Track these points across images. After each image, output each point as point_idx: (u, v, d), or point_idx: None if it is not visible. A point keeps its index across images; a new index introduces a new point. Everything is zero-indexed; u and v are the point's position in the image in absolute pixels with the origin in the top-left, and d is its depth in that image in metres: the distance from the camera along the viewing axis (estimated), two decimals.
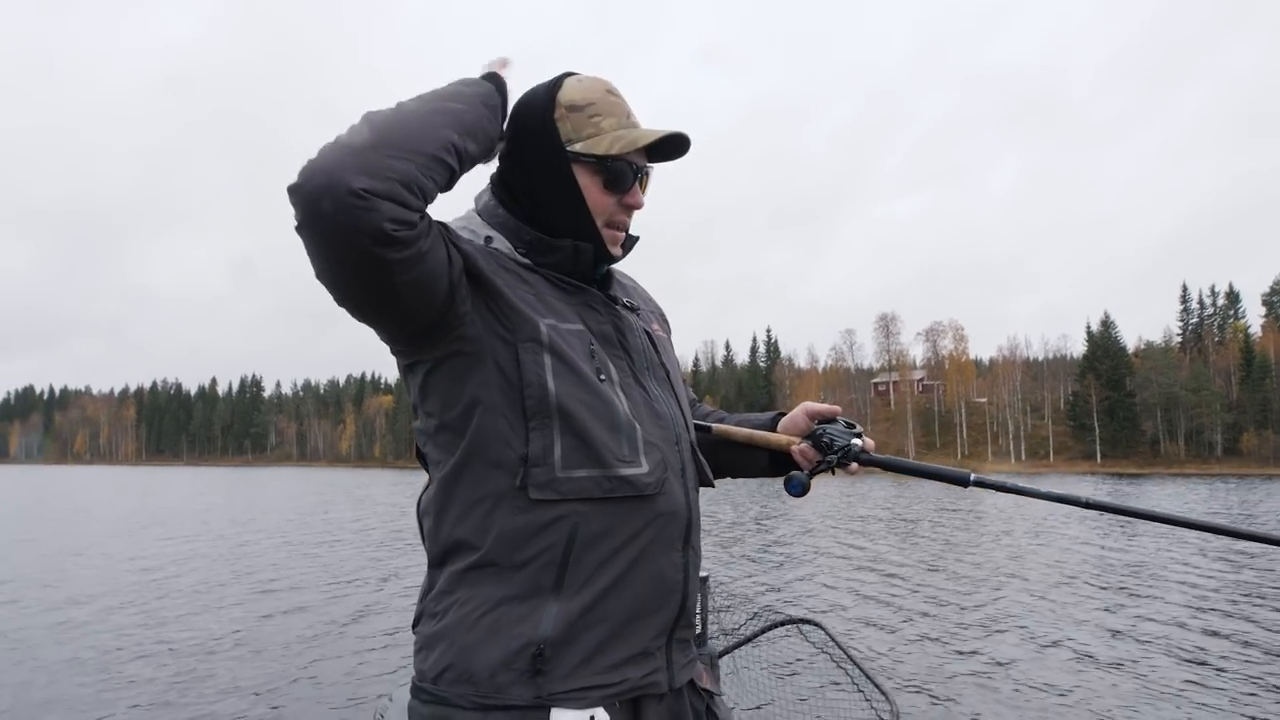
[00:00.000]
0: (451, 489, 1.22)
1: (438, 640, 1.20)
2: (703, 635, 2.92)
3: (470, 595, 1.19)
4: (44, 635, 9.28)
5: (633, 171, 1.32)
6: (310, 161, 1.02)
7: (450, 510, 1.23)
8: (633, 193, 1.33)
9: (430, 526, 1.26)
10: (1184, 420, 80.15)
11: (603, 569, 1.20)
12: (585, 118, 1.29)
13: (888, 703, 2.33)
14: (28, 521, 25.90)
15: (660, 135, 1.30)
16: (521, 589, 1.17)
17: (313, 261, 1.07)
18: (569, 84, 1.32)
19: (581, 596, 1.18)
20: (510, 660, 1.15)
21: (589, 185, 1.30)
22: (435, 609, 1.23)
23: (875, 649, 8.73)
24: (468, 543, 1.20)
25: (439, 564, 1.25)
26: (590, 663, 1.18)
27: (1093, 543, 18.85)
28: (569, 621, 1.17)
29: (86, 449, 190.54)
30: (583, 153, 1.29)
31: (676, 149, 1.36)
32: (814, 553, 16.86)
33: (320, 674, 7.73)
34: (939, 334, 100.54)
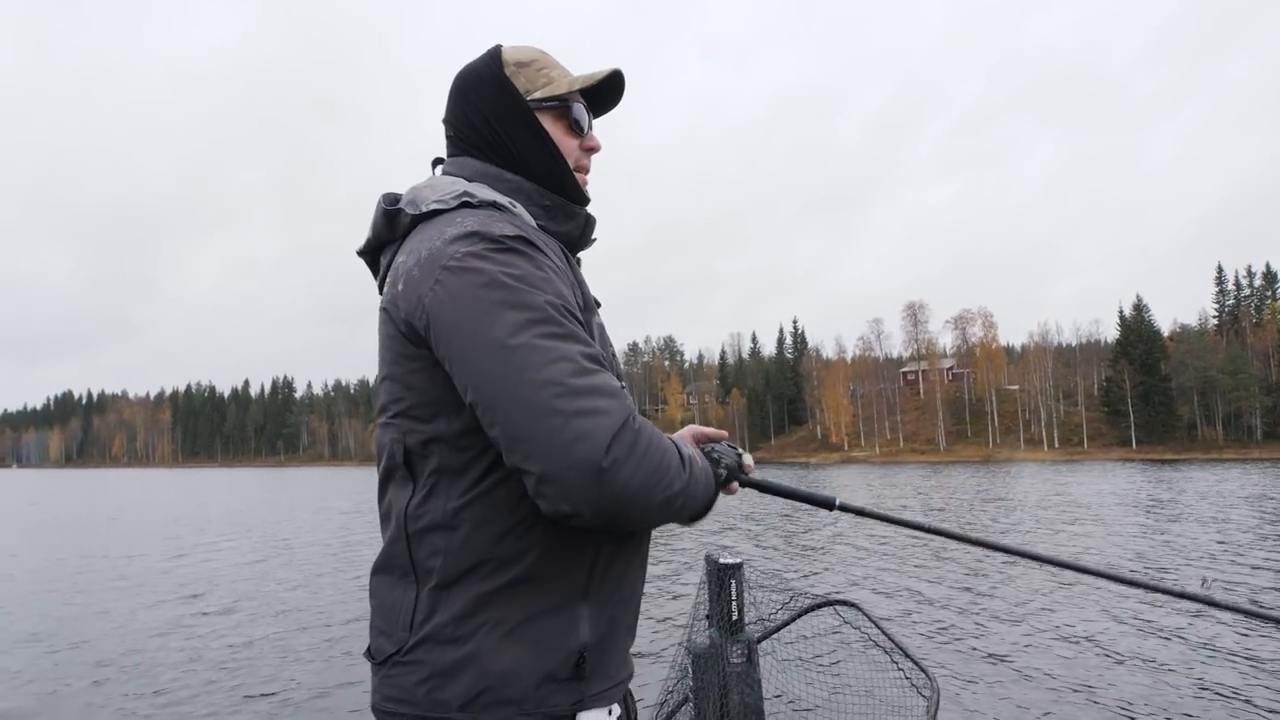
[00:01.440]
0: (487, 500, 1.13)
1: (464, 666, 1.11)
2: (739, 622, 2.95)
3: (506, 615, 1.12)
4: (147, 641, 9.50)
5: (588, 114, 1.37)
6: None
7: (486, 523, 1.13)
8: (590, 135, 1.37)
9: (446, 542, 1.14)
10: (1221, 404, 78.70)
11: (619, 569, 1.23)
12: (535, 70, 1.32)
13: (929, 681, 2.35)
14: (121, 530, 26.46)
15: (609, 71, 1.36)
16: (556, 600, 1.15)
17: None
18: (506, 49, 1.35)
19: (606, 599, 1.20)
20: (556, 671, 1.13)
21: (555, 130, 1.32)
22: (453, 634, 1.12)
23: (912, 629, 8.72)
24: (503, 559, 1.13)
25: (451, 583, 1.13)
26: (615, 658, 1.22)
27: (1133, 523, 18.62)
28: (599, 625, 1.18)
29: (124, 452, 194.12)
30: (543, 98, 1.31)
31: (613, 97, 1.41)
32: (844, 538, 16.83)
33: (321, 670, 7.86)
34: (968, 321, 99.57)
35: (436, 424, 1.14)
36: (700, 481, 1.16)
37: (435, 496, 1.15)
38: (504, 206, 1.21)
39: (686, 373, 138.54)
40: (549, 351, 1.03)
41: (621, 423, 1.02)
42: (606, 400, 1.03)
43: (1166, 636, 8.36)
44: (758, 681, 2.87)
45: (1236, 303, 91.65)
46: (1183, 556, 13.98)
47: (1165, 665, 7.36)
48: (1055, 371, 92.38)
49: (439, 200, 1.20)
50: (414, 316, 1.13)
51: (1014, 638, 8.40)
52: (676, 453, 1.11)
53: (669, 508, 1.08)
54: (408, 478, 1.18)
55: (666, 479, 1.06)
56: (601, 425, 1.00)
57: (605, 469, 0.99)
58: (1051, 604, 9.95)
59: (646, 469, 1.03)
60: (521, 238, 1.13)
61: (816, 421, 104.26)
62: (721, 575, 2.96)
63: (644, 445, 1.04)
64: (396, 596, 1.18)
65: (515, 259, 1.10)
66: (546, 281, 1.10)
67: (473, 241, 1.11)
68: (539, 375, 1.02)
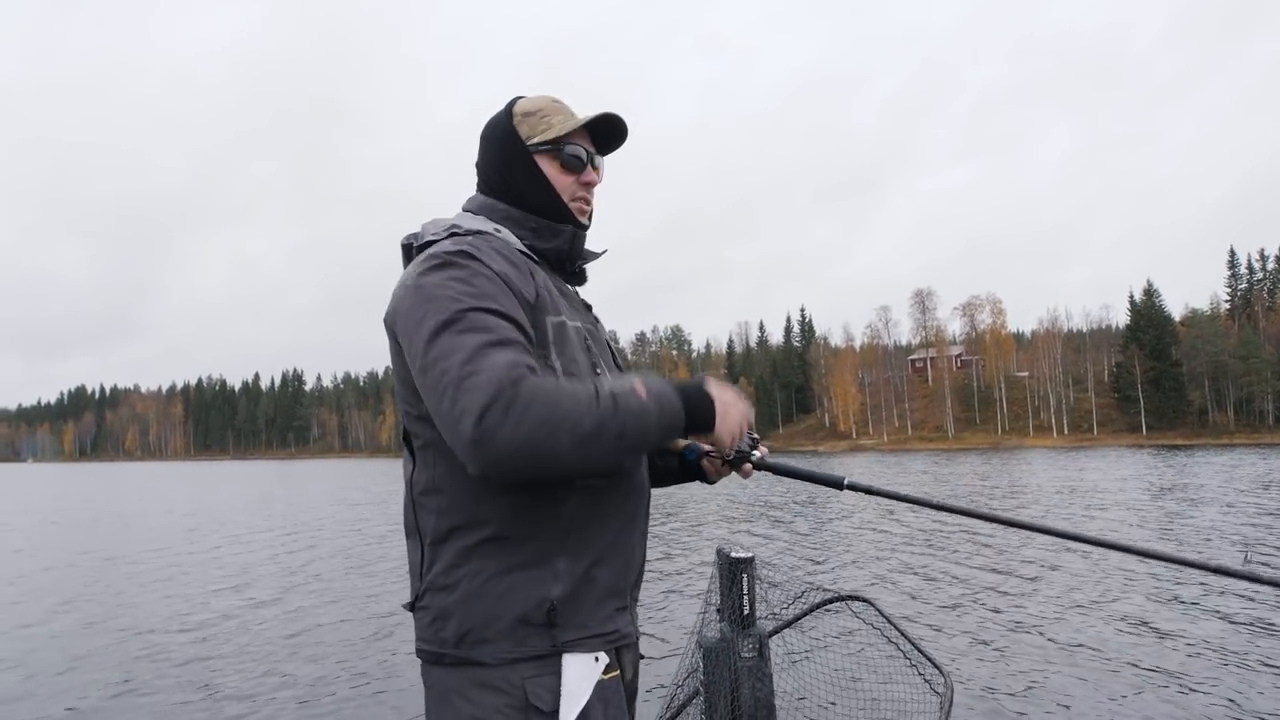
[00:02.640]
0: (459, 467, 1.30)
1: (454, 610, 1.35)
2: (751, 616, 2.94)
3: (482, 566, 1.34)
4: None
5: (586, 153, 1.58)
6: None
7: (461, 489, 1.35)
8: (587, 172, 1.59)
9: (436, 504, 1.38)
10: (1233, 389, 78.28)
11: (598, 535, 1.41)
12: (538, 119, 1.57)
13: (943, 678, 2.33)
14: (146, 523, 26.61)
15: (597, 115, 1.57)
16: (530, 557, 1.35)
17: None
18: (520, 101, 1.61)
19: (582, 561, 1.39)
20: (528, 616, 1.33)
21: (550, 170, 1.56)
22: (445, 582, 1.36)
23: (926, 626, 8.69)
24: (479, 518, 1.35)
25: (442, 540, 1.38)
26: (591, 615, 1.39)
27: (1152, 510, 18.54)
28: (573, 582, 1.37)
29: (137, 446, 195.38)
30: (539, 143, 1.55)
31: (617, 136, 1.63)
32: (858, 533, 16.80)
33: (363, 654, 7.89)
34: (977, 308, 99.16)
35: (419, 406, 1.37)
36: (647, 411, 1.31)
37: (425, 466, 1.41)
38: (488, 233, 1.47)
39: (694, 362, 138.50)
40: (449, 345, 1.25)
41: (493, 389, 1.19)
42: (484, 375, 1.20)
43: (1196, 636, 8.28)
44: (769, 676, 2.86)
45: (1249, 286, 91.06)
46: (1204, 537, 13.91)
47: (1196, 670, 7.28)
48: (1065, 358, 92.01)
49: (434, 233, 1.47)
50: (391, 325, 1.41)
51: (1032, 636, 8.35)
52: (589, 394, 1.26)
53: (592, 444, 1.24)
54: (409, 453, 1.45)
55: (569, 422, 1.22)
56: (475, 397, 1.19)
57: (481, 434, 1.18)
58: (1073, 601, 9.88)
59: (533, 419, 1.19)
60: (462, 252, 1.37)
61: (824, 410, 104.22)
62: (733, 569, 2.94)
63: (524, 401, 1.20)
64: (413, 553, 1.45)
65: (450, 271, 1.35)
66: (469, 286, 1.33)
67: (425, 261, 1.38)
68: (439, 365, 1.25)
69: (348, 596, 11.12)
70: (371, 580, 12.30)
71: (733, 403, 1.47)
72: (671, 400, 1.37)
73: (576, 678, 1.35)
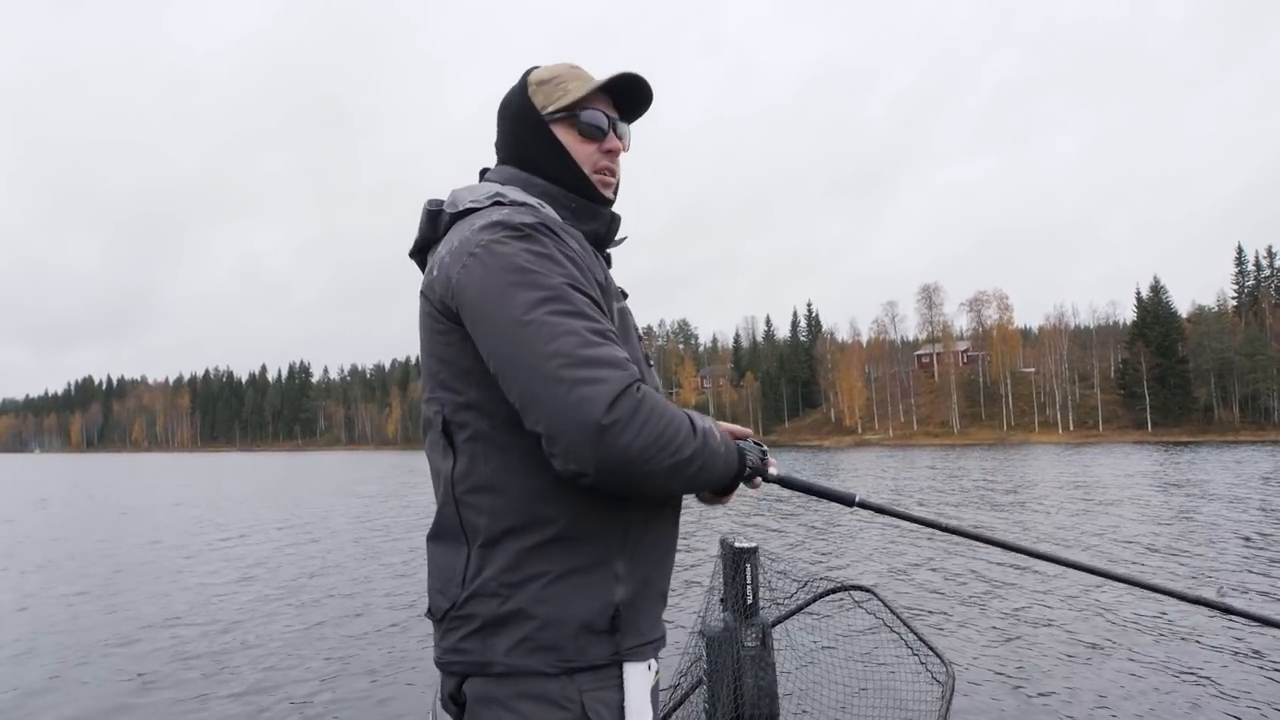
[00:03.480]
0: (523, 465, 1.24)
1: (508, 618, 1.23)
2: (754, 606, 2.96)
3: (543, 570, 1.24)
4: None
5: (607, 119, 1.46)
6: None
7: (524, 486, 1.25)
8: (609, 138, 1.47)
9: (488, 503, 1.27)
10: (1239, 386, 77.99)
11: (653, 534, 1.34)
12: (553, 86, 1.45)
13: (944, 668, 2.35)
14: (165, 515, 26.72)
15: (615, 75, 1.44)
16: (591, 559, 1.26)
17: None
18: (535, 70, 1.50)
19: (641, 561, 1.31)
20: (591, 623, 1.24)
21: (569, 140, 1.44)
22: (498, 588, 1.24)
23: (928, 616, 8.71)
24: (541, 518, 1.25)
25: (496, 541, 1.26)
26: (647, 619, 1.33)
27: (1157, 501, 18.51)
28: (634, 585, 1.29)
29: (144, 437, 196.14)
30: (555, 111, 1.44)
31: (641, 99, 1.51)
32: (861, 525, 16.81)
33: (373, 655, 7.94)
34: (983, 304, 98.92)
35: (468, 393, 1.28)
36: (719, 453, 1.27)
37: (475, 461, 1.28)
38: (533, 205, 1.35)
39: (701, 356, 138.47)
40: (557, 326, 1.16)
41: (621, 389, 1.13)
42: (608, 370, 1.14)
43: (1188, 632, 8.28)
44: (772, 665, 2.89)
45: (1256, 283, 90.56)
46: (1209, 534, 13.89)
47: (1186, 663, 7.27)
48: (1071, 354, 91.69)
49: (474, 200, 1.36)
50: (446, 296, 1.28)
51: (1032, 626, 8.38)
52: (688, 421, 1.22)
53: (681, 472, 1.20)
54: (448, 446, 1.31)
55: (675, 444, 1.17)
56: (601, 391, 1.12)
57: (605, 429, 1.11)
58: (1073, 593, 9.90)
59: (650, 432, 1.14)
60: (542, 225, 1.27)
61: (830, 405, 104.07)
62: (737, 559, 2.96)
63: (646, 411, 1.14)
64: (451, 557, 1.31)
65: (533, 244, 1.24)
66: (560, 264, 1.23)
67: (496, 230, 1.25)
68: (548, 347, 1.14)
69: (366, 597, 11.17)
70: (392, 579, 12.36)
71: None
72: (733, 451, 1.33)
73: (638, 691, 1.28)
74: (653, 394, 1.19)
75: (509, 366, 1.19)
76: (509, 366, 1.19)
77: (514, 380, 1.18)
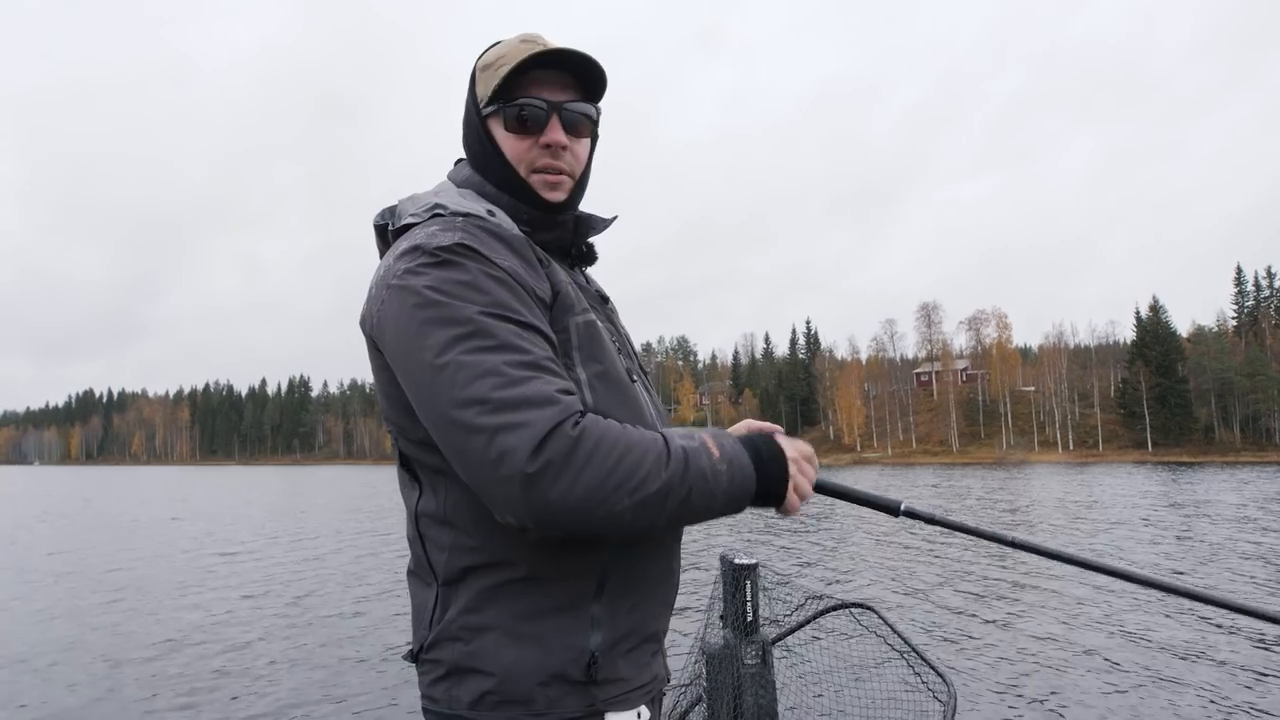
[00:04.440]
0: (477, 498, 1.07)
1: (471, 663, 1.11)
2: (754, 623, 2.95)
3: (507, 611, 1.11)
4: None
5: (543, 108, 1.22)
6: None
7: (484, 523, 1.10)
8: (548, 130, 1.22)
9: (449, 539, 1.14)
10: (1239, 407, 77.87)
11: (638, 572, 1.19)
12: (493, 72, 1.23)
13: (945, 685, 2.34)
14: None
15: (536, 50, 1.20)
16: (564, 600, 1.12)
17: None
18: (489, 50, 1.28)
19: (622, 601, 1.16)
20: (563, 672, 1.10)
21: (501, 135, 1.24)
22: (460, 631, 1.12)
23: (929, 634, 8.67)
24: (502, 556, 1.11)
25: (457, 579, 1.13)
26: (630, 664, 1.18)
27: (1154, 519, 18.46)
28: (614, 627, 1.15)
29: (143, 450, 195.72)
30: (485, 103, 1.24)
31: (587, 76, 1.25)
32: (862, 540, 16.76)
33: (374, 662, 7.90)
34: (982, 322, 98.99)
35: (418, 428, 1.12)
36: (717, 473, 1.07)
37: (436, 494, 1.16)
38: (479, 215, 1.18)
39: (700, 373, 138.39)
40: (474, 367, 1.01)
41: (547, 431, 0.98)
42: (531, 411, 0.98)
43: (1198, 646, 8.25)
44: (772, 683, 2.87)
45: (1256, 304, 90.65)
46: (1208, 550, 13.84)
47: (1198, 680, 7.25)
48: (1070, 373, 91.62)
49: (414, 213, 1.19)
50: (374, 334, 1.15)
51: (1035, 644, 8.33)
52: (659, 448, 1.04)
53: (654, 509, 1.02)
54: (412, 479, 1.20)
55: (634, 480, 1.00)
56: (523, 437, 0.97)
57: (533, 478, 0.96)
58: (1077, 611, 9.86)
59: (595, 472, 0.98)
60: (461, 245, 1.09)
61: (829, 422, 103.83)
62: (737, 576, 2.96)
63: (585, 451, 0.98)
64: (423, 596, 1.19)
65: (448, 270, 1.07)
66: (480, 290, 1.06)
67: (412, 257, 1.10)
68: (463, 393, 1.00)
69: (364, 622, 11.12)
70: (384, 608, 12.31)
71: (805, 460, 1.23)
72: (744, 464, 1.11)
73: None
74: (597, 426, 1.02)
75: (429, 417, 1.05)
76: (429, 417, 1.05)
77: (436, 433, 1.06)
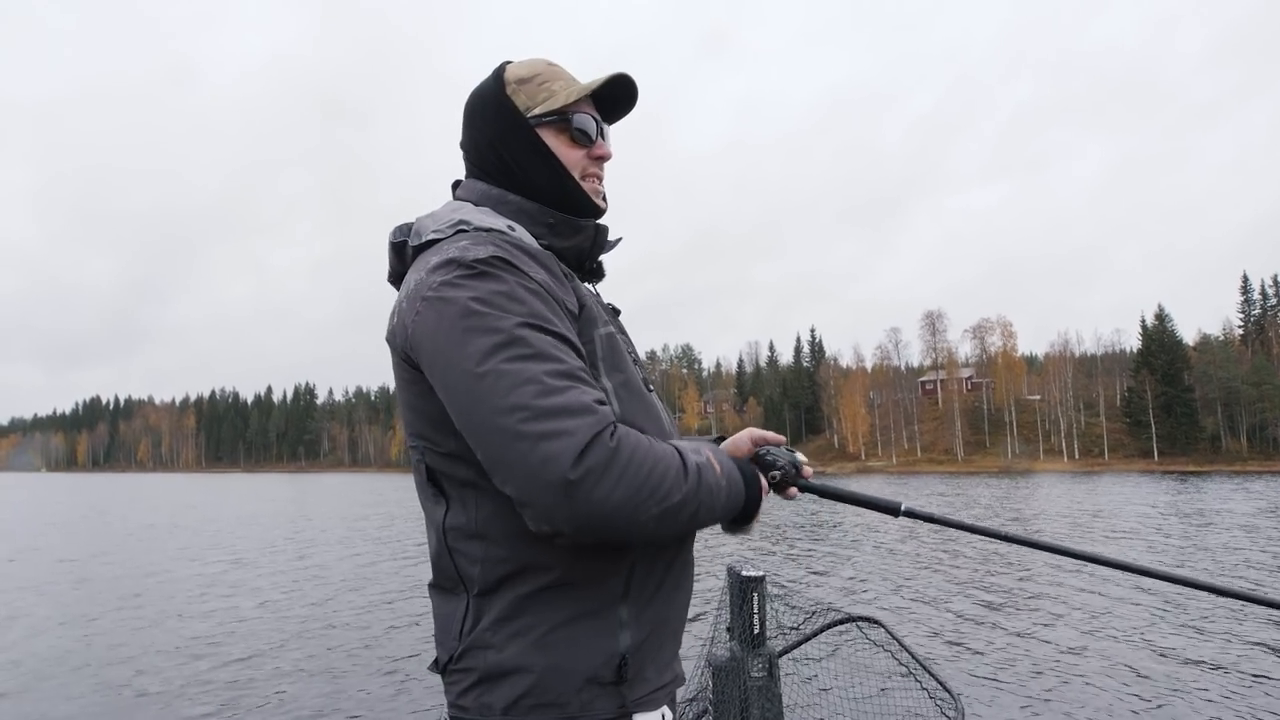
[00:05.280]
0: (510, 508, 1.11)
1: (505, 669, 1.14)
2: (761, 635, 2.96)
3: (541, 618, 1.14)
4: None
5: (596, 123, 1.36)
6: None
7: (516, 532, 1.13)
8: (599, 144, 1.36)
9: (481, 552, 1.17)
10: (1245, 416, 77.55)
11: (660, 574, 1.23)
12: (536, 86, 1.32)
13: (952, 700, 2.35)
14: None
15: (608, 78, 1.33)
16: (594, 603, 1.16)
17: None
18: (510, 66, 1.36)
19: (647, 603, 1.21)
20: (596, 674, 1.14)
21: (557, 144, 1.32)
22: (493, 639, 1.15)
23: (936, 648, 8.64)
24: (537, 564, 1.15)
25: (492, 590, 1.16)
26: (656, 664, 1.22)
27: (1158, 530, 18.38)
28: (641, 628, 1.19)
29: (149, 457, 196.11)
30: (543, 114, 1.31)
31: (626, 101, 1.39)
32: (870, 551, 16.72)
33: (386, 671, 7.90)
34: (987, 330, 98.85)
35: (447, 443, 1.17)
36: (720, 488, 1.16)
37: (466, 508, 1.18)
38: (502, 231, 1.22)
39: (704, 381, 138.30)
40: (515, 376, 1.04)
41: (590, 439, 1.02)
42: (574, 420, 1.03)
43: (1207, 659, 8.21)
44: (779, 696, 2.88)
45: (1263, 312, 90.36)
46: (1213, 560, 13.79)
47: (1207, 694, 7.21)
48: (1076, 382, 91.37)
49: (436, 230, 1.23)
50: (406, 346, 1.17)
51: (1044, 657, 8.30)
52: (678, 461, 1.11)
53: (671, 519, 1.08)
54: (438, 494, 1.22)
55: (661, 491, 1.06)
56: (567, 445, 1.01)
57: (575, 485, 1.00)
58: (1085, 622, 9.83)
59: (630, 482, 1.04)
60: (497, 259, 1.14)
61: (834, 431, 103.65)
62: (744, 588, 2.96)
63: (623, 461, 1.04)
64: (450, 607, 1.22)
65: (487, 282, 1.11)
66: (518, 301, 1.11)
67: (448, 270, 1.13)
68: (505, 401, 1.03)
69: (378, 630, 11.13)
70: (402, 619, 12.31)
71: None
72: (737, 482, 1.22)
73: None
74: (630, 438, 1.07)
75: (469, 425, 1.08)
76: (469, 425, 1.08)
77: (476, 440, 1.08)
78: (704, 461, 1.15)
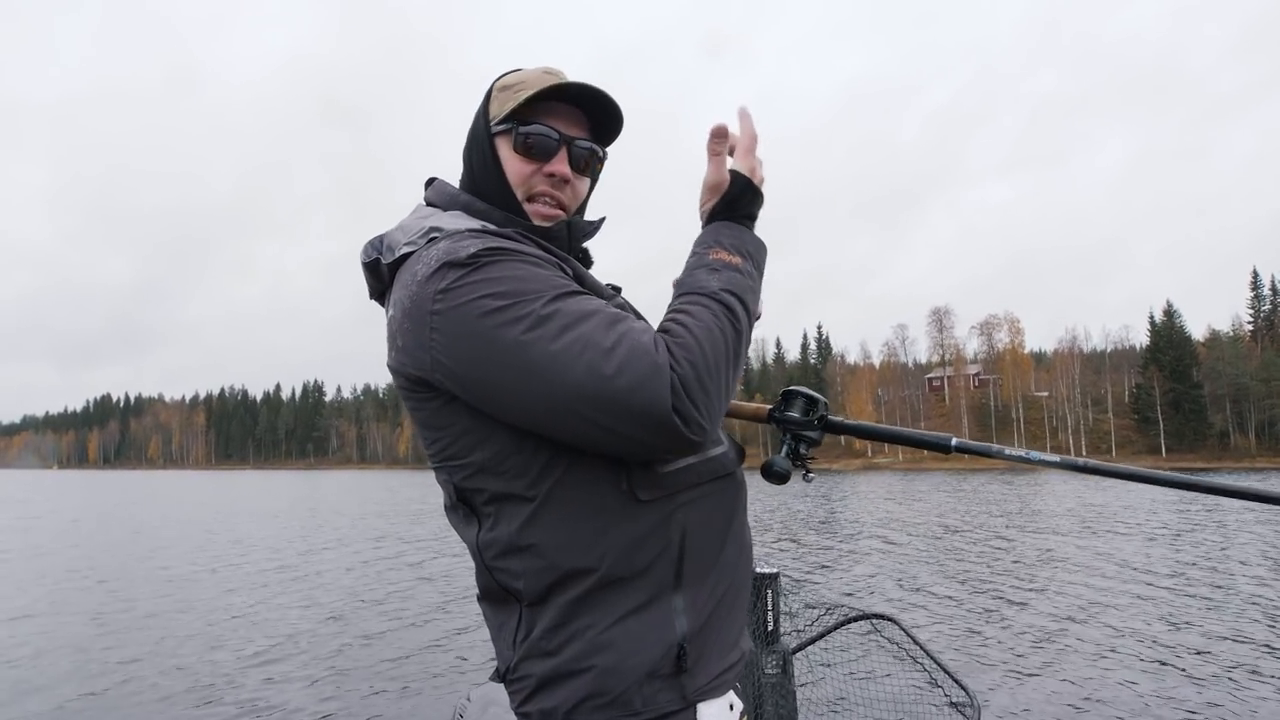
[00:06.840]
0: (548, 517, 1.11)
1: (563, 675, 1.11)
2: (775, 632, 2.98)
3: (594, 619, 1.11)
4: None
5: (555, 138, 1.26)
6: None
7: (554, 539, 1.11)
8: (555, 160, 1.26)
9: (521, 565, 1.13)
10: (1254, 412, 77.19)
11: (714, 552, 1.19)
12: (511, 93, 1.26)
13: (969, 699, 2.37)
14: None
15: (554, 83, 1.23)
16: (646, 595, 1.12)
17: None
18: (510, 74, 1.32)
19: (701, 585, 1.17)
20: (656, 668, 1.11)
21: (507, 155, 1.26)
22: (548, 647, 1.12)
23: (952, 645, 8.64)
24: (582, 567, 1.11)
25: (542, 599, 1.13)
26: (719, 646, 1.18)
27: (1168, 527, 18.32)
28: (697, 613, 1.15)
29: (160, 454, 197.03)
30: (497, 121, 1.26)
31: (604, 114, 1.30)
32: (882, 548, 16.72)
33: (396, 672, 7.95)
34: (994, 327, 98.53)
35: (474, 455, 1.13)
36: (747, 289, 1.17)
37: (499, 524, 1.15)
38: (477, 230, 1.18)
39: None
40: (570, 349, 1.02)
41: (668, 370, 1.01)
42: (645, 359, 1.01)
43: (1226, 657, 8.17)
44: (793, 693, 2.90)
45: (1273, 308, 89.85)
46: (1223, 553, 13.75)
47: (1224, 692, 7.19)
48: (1084, 378, 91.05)
49: (409, 242, 1.18)
50: (427, 373, 1.12)
51: (1062, 655, 8.27)
52: (712, 313, 1.10)
53: (741, 357, 1.12)
54: (469, 514, 1.19)
55: (728, 358, 1.08)
56: (658, 385, 1.00)
57: (682, 416, 1.01)
58: (1105, 619, 9.80)
59: (712, 383, 1.04)
60: (489, 249, 1.09)
61: None
62: (757, 584, 2.99)
63: (698, 369, 1.03)
64: (503, 617, 1.20)
65: (492, 270, 1.07)
66: (533, 275, 1.08)
67: (443, 275, 1.08)
68: (575, 375, 1.01)
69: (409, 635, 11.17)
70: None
71: (751, 153, 1.28)
72: (756, 242, 1.24)
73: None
74: (681, 336, 1.06)
75: (552, 416, 1.04)
76: (552, 416, 1.04)
77: (567, 425, 1.04)
78: (727, 276, 1.15)
